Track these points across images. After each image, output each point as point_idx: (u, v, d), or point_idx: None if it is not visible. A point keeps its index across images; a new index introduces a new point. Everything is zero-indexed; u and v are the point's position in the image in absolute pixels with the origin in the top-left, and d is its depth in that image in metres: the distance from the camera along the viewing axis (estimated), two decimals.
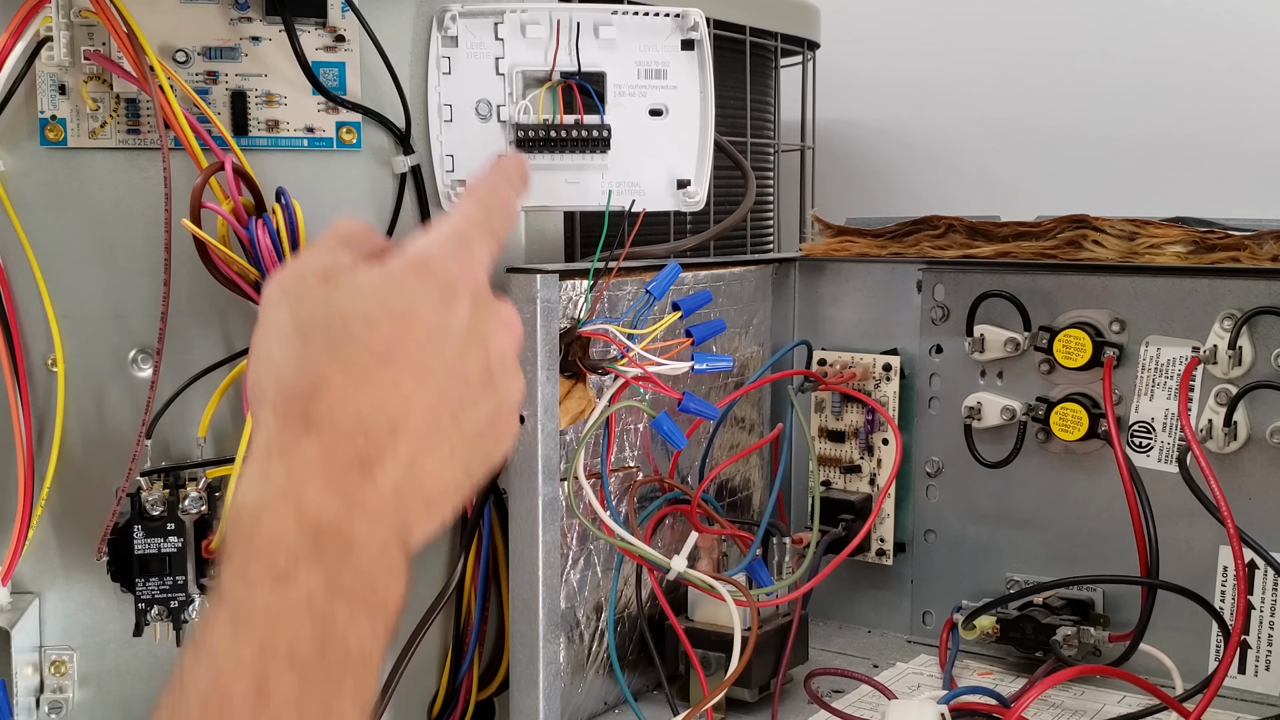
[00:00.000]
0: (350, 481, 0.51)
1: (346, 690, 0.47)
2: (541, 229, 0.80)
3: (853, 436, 0.93)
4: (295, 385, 0.52)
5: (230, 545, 0.49)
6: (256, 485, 0.50)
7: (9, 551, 0.72)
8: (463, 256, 0.57)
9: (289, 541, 0.49)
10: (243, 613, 0.47)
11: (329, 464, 0.50)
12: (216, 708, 0.45)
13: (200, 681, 0.46)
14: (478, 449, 0.56)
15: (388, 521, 0.51)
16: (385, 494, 0.51)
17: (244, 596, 0.48)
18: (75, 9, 0.70)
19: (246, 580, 0.48)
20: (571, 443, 0.75)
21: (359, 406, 0.52)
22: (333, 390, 0.52)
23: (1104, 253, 0.83)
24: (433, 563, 0.80)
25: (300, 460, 0.51)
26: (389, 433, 0.52)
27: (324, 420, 0.51)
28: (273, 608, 0.47)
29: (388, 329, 0.53)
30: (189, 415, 0.74)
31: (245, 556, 0.48)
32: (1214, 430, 0.80)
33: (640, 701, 0.80)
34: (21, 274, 0.72)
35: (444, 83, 0.76)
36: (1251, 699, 0.80)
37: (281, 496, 0.50)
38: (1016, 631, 0.84)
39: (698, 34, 0.79)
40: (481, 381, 0.56)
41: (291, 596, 0.47)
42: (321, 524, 0.49)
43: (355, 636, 0.48)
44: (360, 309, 0.53)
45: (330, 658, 0.47)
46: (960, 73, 1.38)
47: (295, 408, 0.52)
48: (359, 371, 0.52)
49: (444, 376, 0.54)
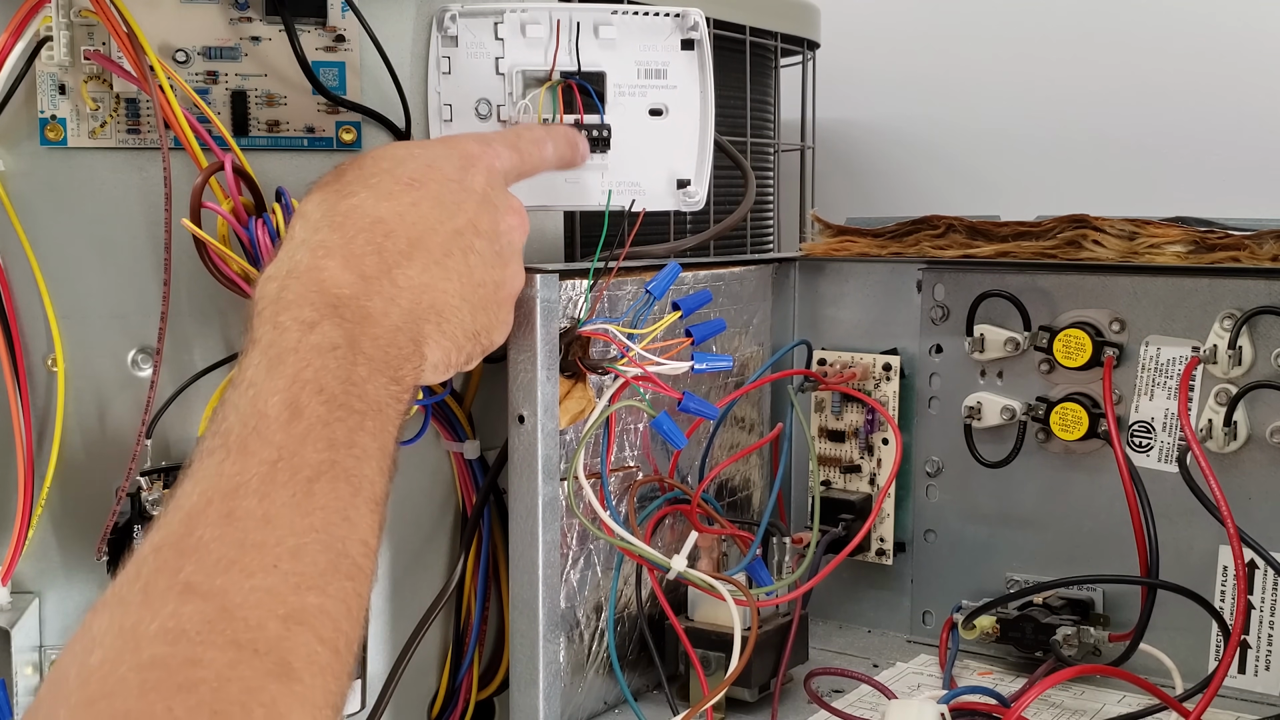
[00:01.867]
0: (367, 265, 0.57)
1: (367, 430, 0.52)
2: (541, 229, 0.80)
3: (853, 436, 0.93)
4: (326, 200, 0.59)
5: (260, 305, 0.55)
6: (283, 263, 0.57)
7: (9, 551, 0.72)
8: (482, 143, 0.66)
9: (314, 301, 0.55)
10: (275, 351, 0.53)
11: (347, 248, 0.57)
12: (254, 422, 0.50)
13: (239, 405, 0.51)
14: (482, 306, 0.62)
15: (401, 308, 0.57)
16: (400, 286, 0.57)
17: (275, 338, 0.53)
18: (75, 9, 0.70)
19: (278, 326, 0.54)
20: (571, 443, 0.75)
21: (379, 212, 0.59)
22: (357, 198, 0.59)
23: (1104, 253, 0.83)
24: (433, 563, 0.80)
25: (321, 244, 0.57)
26: (407, 243, 0.59)
27: (345, 218, 0.58)
28: (302, 347, 0.53)
29: (414, 167, 0.61)
30: (189, 415, 0.74)
31: (275, 310, 0.54)
32: (1214, 430, 0.80)
33: (640, 701, 0.80)
34: (21, 274, 0.72)
35: (444, 83, 0.76)
36: (1251, 699, 0.80)
37: (305, 270, 0.56)
38: (1016, 631, 0.84)
39: (698, 34, 0.79)
40: (491, 242, 0.63)
41: (319, 340, 0.53)
42: (341, 295, 0.55)
43: (374, 390, 0.54)
44: (391, 153, 0.62)
45: (353, 399, 0.52)
46: (960, 73, 1.38)
47: (324, 213, 0.59)
48: (384, 190, 0.60)
49: (460, 219, 0.61)
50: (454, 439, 0.79)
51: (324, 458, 0.50)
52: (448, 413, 0.78)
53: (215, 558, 0.45)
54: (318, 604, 0.46)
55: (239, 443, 0.49)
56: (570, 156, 0.74)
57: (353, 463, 0.51)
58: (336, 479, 0.50)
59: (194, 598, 0.44)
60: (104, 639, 0.43)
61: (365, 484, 0.51)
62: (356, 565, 0.49)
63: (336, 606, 0.47)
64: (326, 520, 0.49)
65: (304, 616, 0.45)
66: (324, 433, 0.50)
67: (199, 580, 0.44)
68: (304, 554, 0.47)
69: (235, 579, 0.45)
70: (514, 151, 0.68)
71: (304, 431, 0.50)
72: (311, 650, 0.45)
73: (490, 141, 0.67)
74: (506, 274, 0.64)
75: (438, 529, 0.80)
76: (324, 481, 0.49)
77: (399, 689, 0.73)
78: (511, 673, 0.75)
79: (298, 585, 0.46)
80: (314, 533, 0.48)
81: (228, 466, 0.48)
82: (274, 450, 0.49)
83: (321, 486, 0.49)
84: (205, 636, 0.43)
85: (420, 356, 0.57)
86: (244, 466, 0.48)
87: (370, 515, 0.51)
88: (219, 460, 0.49)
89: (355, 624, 0.48)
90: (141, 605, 0.43)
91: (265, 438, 0.49)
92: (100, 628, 0.43)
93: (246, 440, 0.49)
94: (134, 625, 0.43)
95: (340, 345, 0.53)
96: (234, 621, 0.43)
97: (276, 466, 0.48)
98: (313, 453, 0.50)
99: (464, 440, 0.78)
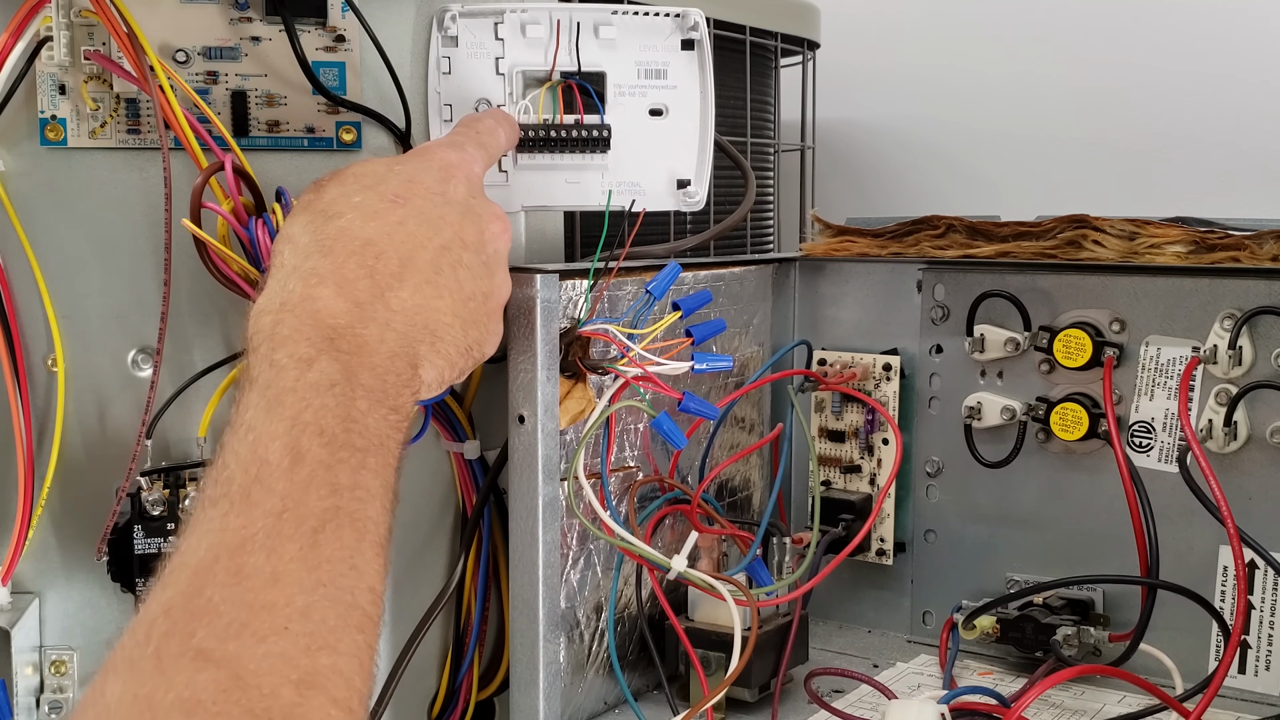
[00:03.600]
0: (360, 290, 0.57)
1: (369, 468, 0.52)
2: (541, 229, 0.80)
3: (853, 436, 0.93)
4: (313, 222, 0.59)
5: (255, 341, 0.54)
6: (276, 295, 0.56)
7: (9, 551, 0.72)
8: (456, 149, 0.66)
9: (310, 335, 0.54)
10: (273, 392, 0.52)
11: (339, 274, 0.57)
12: (255, 470, 0.49)
13: (239, 451, 0.50)
14: (473, 321, 0.61)
15: (396, 332, 0.57)
16: (393, 310, 0.57)
17: (273, 378, 0.52)
18: (75, 9, 0.70)
19: (275, 365, 0.53)
20: (571, 443, 0.75)
21: (368, 234, 0.59)
22: (344, 220, 0.59)
23: (1104, 253, 0.83)
24: (433, 563, 0.80)
25: (313, 272, 0.57)
26: (398, 264, 0.58)
27: (335, 241, 0.58)
28: (300, 386, 0.52)
29: (395, 184, 0.61)
30: (189, 415, 0.74)
31: (271, 347, 0.54)
32: (1214, 430, 0.80)
33: (640, 701, 0.80)
34: (21, 274, 0.72)
35: (444, 83, 0.76)
36: (1251, 699, 0.80)
37: (299, 301, 0.55)
38: (1016, 631, 0.84)
39: (698, 34, 0.79)
40: (477, 253, 0.62)
41: (316, 378, 0.52)
42: (337, 326, 0.55)
43: (374, 423, 0.53)
44: (370, 169, 0.62)
45: (354, 436, 0.52)
46: (960, 72, 1.38)
47: (312, 236, 0.58)
48: (369, 209, 0.60)
49: (446, 233, 0.61)
50: (454, 439, 0.79)
51: (328, 504, 0.49)
52: (448, 413, 0.78)
53: (226, 621, 0.45)
54: (330, 664, 0.46)
55: (242, 493, 0.49)
56: (513, 136, 0.74)
57: (357, 505, 0.51)
58: (341, 526, 0.49)
59: (208, 665, 0.43)
60: (118, 709, 0.42)
61: (370, 526, 0.51)
62: (366, 615, 0.49)
63: (349, 664, 0.47)
64: (334, 573, 0.48)
65: (316, 679, 0.45)
66: (326, 477, 0.50)
67: (211, 646, 0.44)
68: (314, 612, 0.47)
69: (247, 644, 0.44)
70: (482, 150, 0.68)
71: (307, 478, 0.50)
72: (325, 714, 0.45)
73: (462, 145, 0.66)
74: (494, 284, 0.63)
75: (438, 529, 0.80)
76: (329, 530, 0.49)
77: (399, 689, 0.73)
78: (511, 673, 0.75)
79: (309, 646, 0.46)
80: (322, 588, 0.48)
81: (232, 519, 0.48)
82: (278, 500, 0.48)
83: (327, 536, 0.49)
84: (221, 707, 0.42)
85: (417, 380, 0.57)
86: (249, 520, 0.48)
87: (376, 559, 0.51)
88: (223, 512, 0.48)
89: (367, 678, 0.48)
90: (155, 673, 0.43)
91: (268, 487, 0.49)
92: (114, 696, 0.43)
93: (250, 490, 0.49)
94: (149, 695, 0.42)
95: (339, 381, 0.53)
96: (248, 690, 0.43)
97: (282, 518, 0.48)
98: (316, 500, 0.49)
99: (464, 440, 0.78)
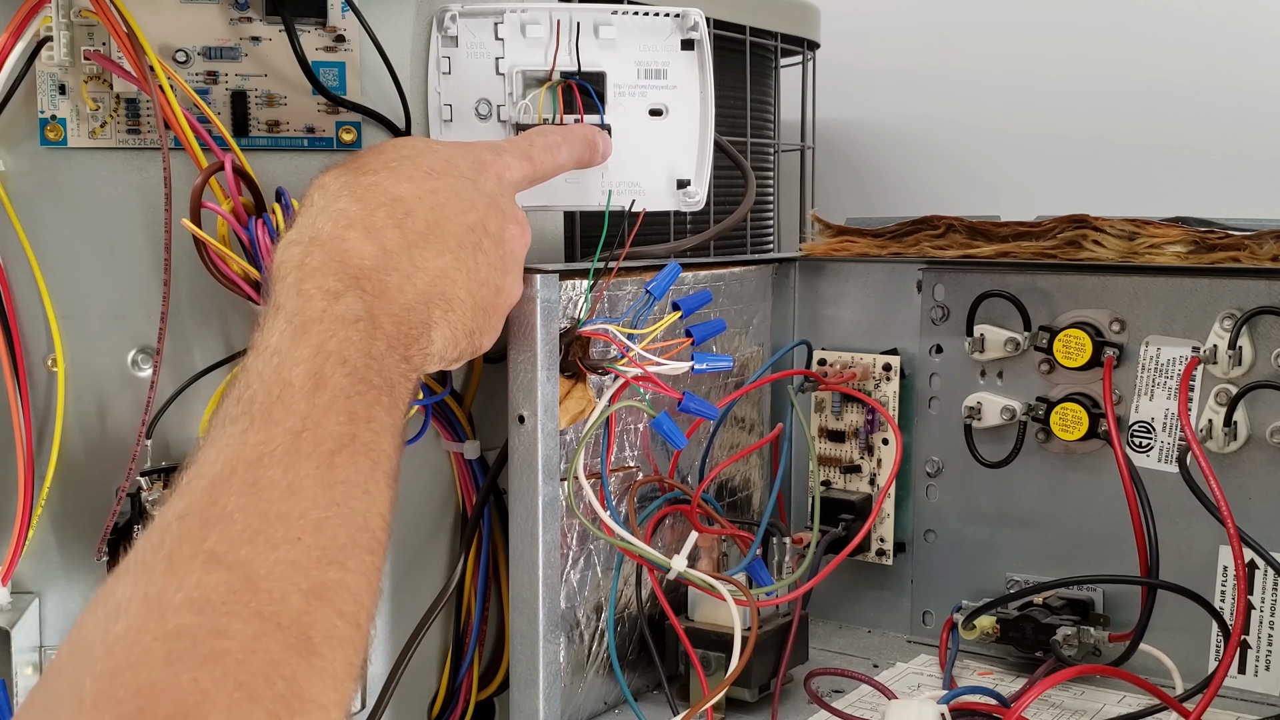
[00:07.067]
0: (388, 239, 0.58)
1: (383, 405, 0.53)
2: (541, 229, 0.80)
3: (853, 436, 0.93)
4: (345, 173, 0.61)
5: (282, 270, 0.55)
6: (306, 229, 0.57)
7: (9, 551, 0.72)
8: (495, 152, 0.67)
9: (337, 271, 0.55)
10: (300, 320, 0.53)
11: (368, 220, 0.58)
12: (278, 391, 0.50)
13: (264, 372, 0.51)
14: (482, 307, 0.63)
15: (416, 288, 0.58)
16: (417, 266, 0.58)
17: (300, 306, 0.53)
18: (75, 9, 0.70)
19: (303, 294, 0.54)
20: (571, 443, 0.75)
21: (399, 191, 0.60)
22: (378, 176, 0.61)
23: (1104, 253, 0.83)
24: (433, 563, 0.80)
25: (342, 213, 0.58)
26: (425, 225, 0.60)
27: (367, 191, 0.60)
28: (327, 317, 0.53)
29: (432, 160, 0.63)
30: (189, 415, 0.74)
31: (300, 276, 0.55)
32: (1214, 430, 0.80)
33: (640, 701, 0.80)
34: (21, 274, 0.72)
35: (444, 83, 0.76)
36: (1251, 699, 0.80)
37: (328, 239, 0.57)
38: (1016, 631, 0.84)
39: (698, 34, 0.79)
40: (497, 245, 0.64)
41: (343, 311, 0.54)
42: (364, 267, 0.56)
43: (390, 365, 0.54)
44: (411, 144, 0.64)
45: (371, 373, 0.53)
46: (960, 72, 1.38)
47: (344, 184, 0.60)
48: (403, 173, 0.61)
49: (472, 215, 0.62)
50: (454, 439, 0.79)
51: (346, 430, 0.50)
52: (448, 413, 0.78)
53: (240, 527, 0.45)
54: (338, 579, 0.47)
55: (263, 411, 0.49)
56: (589, 157, 0.75)
57: (372, 436, 0.51)
58: (357, 452, 0.50)
59: (219, 567, 0.44)
60: (128, 606, 0.43)
61: (383, 458, 0.52)
62: (375, 539, 0.50)
63: (356, 581, 0.48)
64: (348, 494, 0.49)
65: (325, 591, 0.46)
66: (346, 405, 0.51)
67: (224, 550, 0.44)
68: (326, 528, 0.47)
69: (260, 550, 0.45)
70: (526, 161, 0.69)
71: (327, 403, 0.50)
72: (331, 625, 0.45)
73: (503, 151, 0.68)
74: (506, 281, 0.64)
75: (438, 529, 0.80)
76: (345, 454, 0.50)
77: (399, 689, 0.73)
78: (511, 673, 0.75)
79: (320, 559, 0.46)
80: (336, 506, 0.48)
81: (252, 435, 0.49)
82: (298, 420, 0.49)
83: (343, 459, 0.50)
84: (230, 607, 0.43)
85: (428, 339, 0.58)
86: (269, 435, 0.49)
87: (387, 490, 0.52)
88: (243, 428, 0.49)
89: (373, 597, 0.49)
90: (166, 573, 0.44)
91: (290, 407, 0.50)
92: (124, 594, 0.43)
93: (271, 408, 0.49)
94: (159, 593, 0.43)
95: (362, 318, 0.54)
96: (258, 593, 0.44)
97: (301, 437, 0.49)
98: (335, 425, 0.50)
99: (464, 440, 0.78)
